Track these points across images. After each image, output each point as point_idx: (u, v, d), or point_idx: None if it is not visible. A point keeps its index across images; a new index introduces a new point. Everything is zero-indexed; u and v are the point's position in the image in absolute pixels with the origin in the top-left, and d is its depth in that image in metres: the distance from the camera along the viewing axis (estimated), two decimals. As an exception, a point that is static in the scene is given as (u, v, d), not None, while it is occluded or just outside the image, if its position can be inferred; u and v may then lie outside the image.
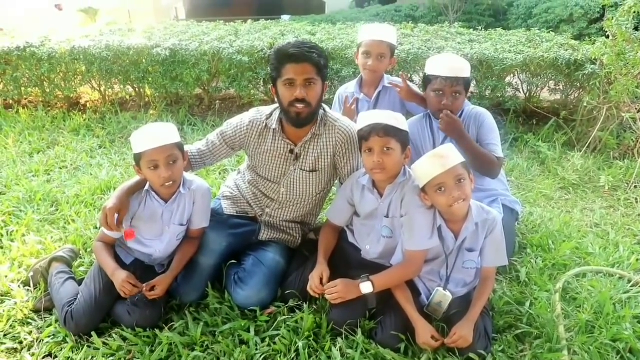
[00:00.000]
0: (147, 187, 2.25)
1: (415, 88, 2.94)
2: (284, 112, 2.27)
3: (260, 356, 2.06)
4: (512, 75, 4.96)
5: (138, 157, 2.14)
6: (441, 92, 2.57)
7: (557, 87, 5.01)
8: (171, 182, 2.16)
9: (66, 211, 3.20)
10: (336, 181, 2.59)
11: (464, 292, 2.21)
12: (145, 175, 2.18)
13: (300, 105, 2.18)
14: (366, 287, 2.11)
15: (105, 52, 5.07)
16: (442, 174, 1.98)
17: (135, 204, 2.25)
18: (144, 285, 2.17)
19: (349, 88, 3.21)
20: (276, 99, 2.30)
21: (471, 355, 1.98)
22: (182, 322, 2.23)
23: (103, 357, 2.03)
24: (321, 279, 2.21)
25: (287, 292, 2.35)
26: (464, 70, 2.59)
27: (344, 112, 2.91)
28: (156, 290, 2.19)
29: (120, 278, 2.14)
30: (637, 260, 2.74)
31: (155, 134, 2.12)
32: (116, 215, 2.09)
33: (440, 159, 2.01)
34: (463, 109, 2.69)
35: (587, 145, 4.35)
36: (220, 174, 3.95)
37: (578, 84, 4.83)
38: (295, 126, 2.30)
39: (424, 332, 2.03)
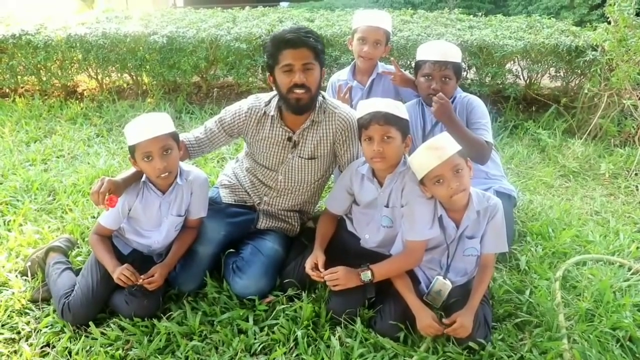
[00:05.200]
0: (144, 178, 2.23)
1: (408, 74, 2.92)
2: (283, 99, 2.24)
3: (259, 345, 2.05)
4: (512, 62, 4.92)
5: (132, 149, 2.12)
6: (430, 77, 2.57)
7: (558, 74, 4.97)
8: (167, 173, 2.13)
9: (63, 200, 3.18)
10: (335, 169, 2.57)
11: (464, 280, 2.20)
12: (140, 167, 2.16)
13: (299, 91, 2.15)
14: (365, 276, 2.10)
15: (101, 39, 5.02)
16: (438, 165, 1.96)
17: (133, 195, 2.23)
18: (141, 277, 2.15)
19: (342, 75, 3.17)
20: (274, 87, 2.27)
21: (471, 344, 1.97)
22: (180, 311, 2.22)
23: (101, 347, 2.03)
24: (317, 265, 2.20)
25: (286, 281, 2.35)
26: (453, 54, 2.58)
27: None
28: (155, 278, 2.17)
29: (116, 271, 2.12)
30: (637, 248, 2.73)
31: (148, 124, 2.09)
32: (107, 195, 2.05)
33: (435, 151, 1.98)
34: (455, 96, 2.67)
35: (587, 132, 4.32)
36: (218, 162, 3.93)
37: (579, 71, 4.80)
38: (295, 113, 2.27)
39: (425, 318, 2.02)
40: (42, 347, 2.06)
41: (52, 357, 2.02)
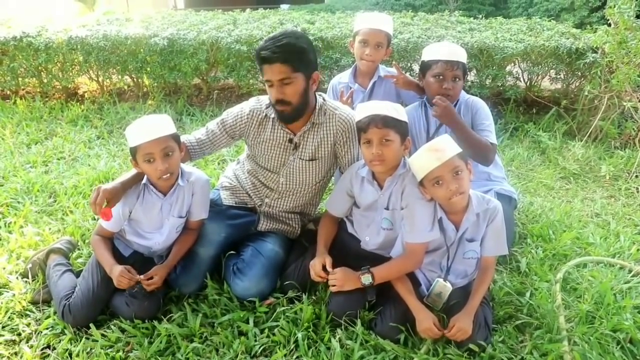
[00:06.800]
0: (144, 180, 2.23)
1: (410, 77, 2.93)
2: (273, 109, 2.27)
3: (260, 347, 2.05)
4: (512, 64, 4.93)
5: (134, 151, 2.12)
6: (441, 77, 2.56)
7: (558, 76, 4.97)
8: (168, 175, 2.13)
9: (64, 202, 3.19)
10: (335, 171, 2.57)
11: (464, 282, 2.20)
12: (142, 168, 2.16)
13: (279, 106, 2.18)
14: (366, 279, 2.10)
15: (102, 41, 5.04)
16: (438, 167, 1.97)
17: (134, 198, 2.23)
18: (141, 276, 2.16)
19: (343, 78, 3.17)
20: None
21: (471, 345, 1.97)
22: (181, 313, 2.22)
23: (101, 348, 2.03)
24: (324, 267, 2.19)
25: (286, 282, 2.34)
26: (461, 55, 2.60)
27: None
28: (154, 280, 2.17)
29: (116, 273, 2.12)
30: (638, 250, 2.73)
31: (150, 126, 2.09)
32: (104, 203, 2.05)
33: (435, 152, 1.99)
34: (458, 98, 2.68)
35: (588, 134, 4.32)
36: (219, 164, 3.93)
37: (579, 73, 4.80)
38: (283, 122, 2.30)
39: (426, 320, 2.02)
40: (42, 349, 2.06)
41: (53, 358, 2.02)
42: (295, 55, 2.11)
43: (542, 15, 8.25)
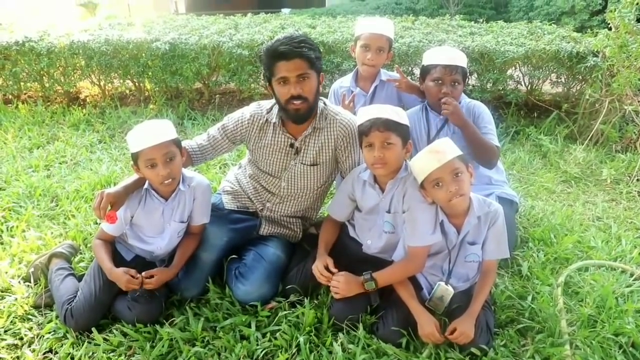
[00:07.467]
0: (146, 185, 2.24)
1: (412, 81, 2.94)
2: (283, 110, 2.25)
3: (261, 351, 2.05)
4: (513, 68, 4.94)
5: (135, 156, 2.12)
6: (440, 81, 2.58)
7: (559, 80, 4.98)
8: (170, 180, 2.14)
9: (66, 206, 3.19)
10: (337, 175, 2.57)
11: (466, 286, 2.20)
12: (143, 174, 2.17)
13: (297, 102, 2.17)
14: (369, 285, 2.11)
15: (104, 46, 5.05)
16: (437, 169, 1.98)
17: (135, 202, 2.23)
18: (143, 273, 2.17)
19: (344, 82, 3.17)
20: (274, 97, 2.28)
21: (473, 349, 1.97)
22: (183, 317, 2.22)
23: (104, 353, 2.03)
24: (326, 267, 2.20)
25: (288, 287, 2.35)
26: (461, 59, 2.61)
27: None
28: (151, 280, 2.18)
29: (122, 279, 2.13)
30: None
31: (151, 131, 2.10)
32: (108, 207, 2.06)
33: (435, 154, 2.00)
34: (460, 102, 2.68)
35: (589, 138, 4.33)
36: (220, 168, 3.94)
37: (580, 77, 4.81)
38: (295, 122, 2.29)
39: (427, 324, 2.02)
40: (44, 353, 2.07)
41: (55, 363, 2.02)
42: (312, 51, 2.15)
43: (543, 19, 8.27)
